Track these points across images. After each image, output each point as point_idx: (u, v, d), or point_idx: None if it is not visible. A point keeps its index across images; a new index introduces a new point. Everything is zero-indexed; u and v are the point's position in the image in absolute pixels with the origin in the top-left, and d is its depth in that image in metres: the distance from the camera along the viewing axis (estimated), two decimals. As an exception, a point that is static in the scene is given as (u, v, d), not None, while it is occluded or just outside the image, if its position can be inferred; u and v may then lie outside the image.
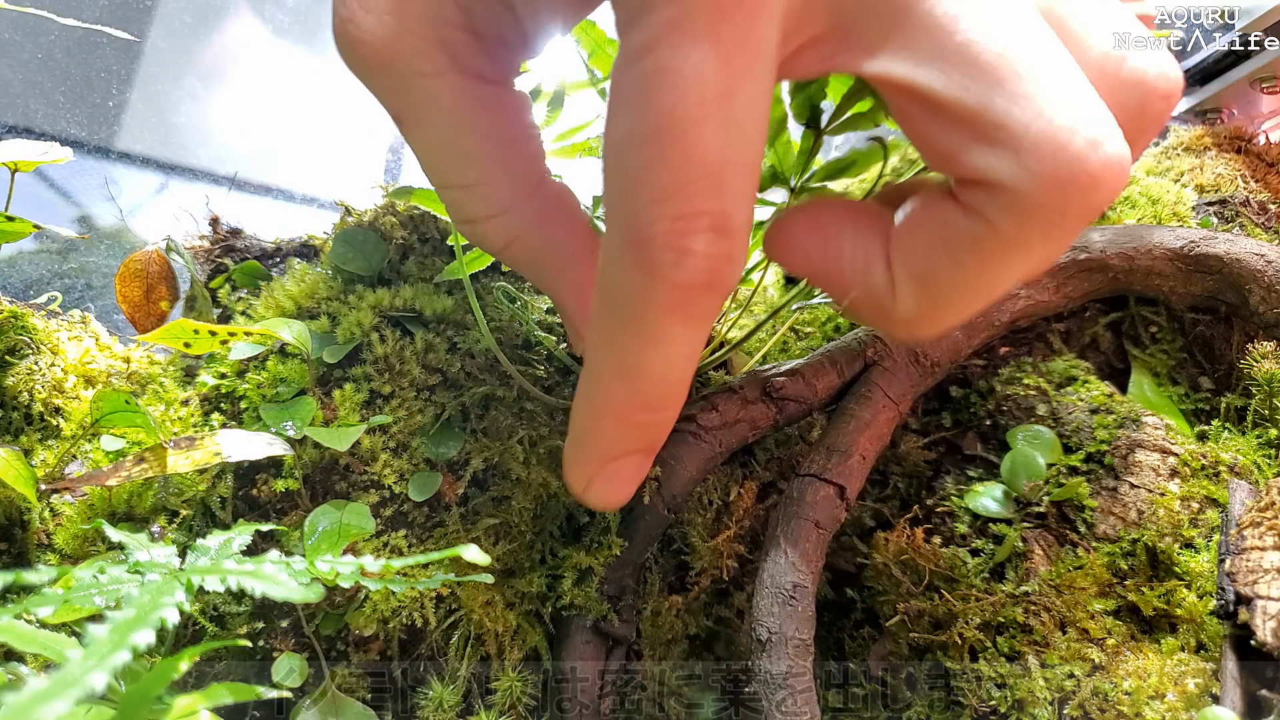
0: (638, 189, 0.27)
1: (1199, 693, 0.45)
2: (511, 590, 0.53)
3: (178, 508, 0.52)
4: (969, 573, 0.52)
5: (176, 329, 0.48)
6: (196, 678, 0.49)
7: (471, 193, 0.36)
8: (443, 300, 0.57)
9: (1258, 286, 0.58)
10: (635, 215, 0.28)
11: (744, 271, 0.54)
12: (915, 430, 0.61)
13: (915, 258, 0.31)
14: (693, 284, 0.28)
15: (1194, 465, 0.54)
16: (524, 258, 0.38)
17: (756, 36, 0.26)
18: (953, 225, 0.29)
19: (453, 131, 0.34)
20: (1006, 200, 0.27)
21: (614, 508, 0.46)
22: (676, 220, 0.27)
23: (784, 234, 0.35)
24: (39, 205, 0.85)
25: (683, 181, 0.27)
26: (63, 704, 0.19)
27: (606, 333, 0.32)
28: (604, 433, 0.35)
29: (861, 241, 0.33)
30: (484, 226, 0.37)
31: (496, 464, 0.54)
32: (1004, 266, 0.29)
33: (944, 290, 0.30)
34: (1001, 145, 0.26)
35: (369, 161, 1.05)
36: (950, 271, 0.30)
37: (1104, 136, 0.26)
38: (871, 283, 0.32)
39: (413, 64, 0.32)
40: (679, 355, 0.31)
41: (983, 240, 0.28)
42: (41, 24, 0.82)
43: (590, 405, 0.35)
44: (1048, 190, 0.26)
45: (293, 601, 0.28)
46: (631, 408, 0.33)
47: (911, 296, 0.31)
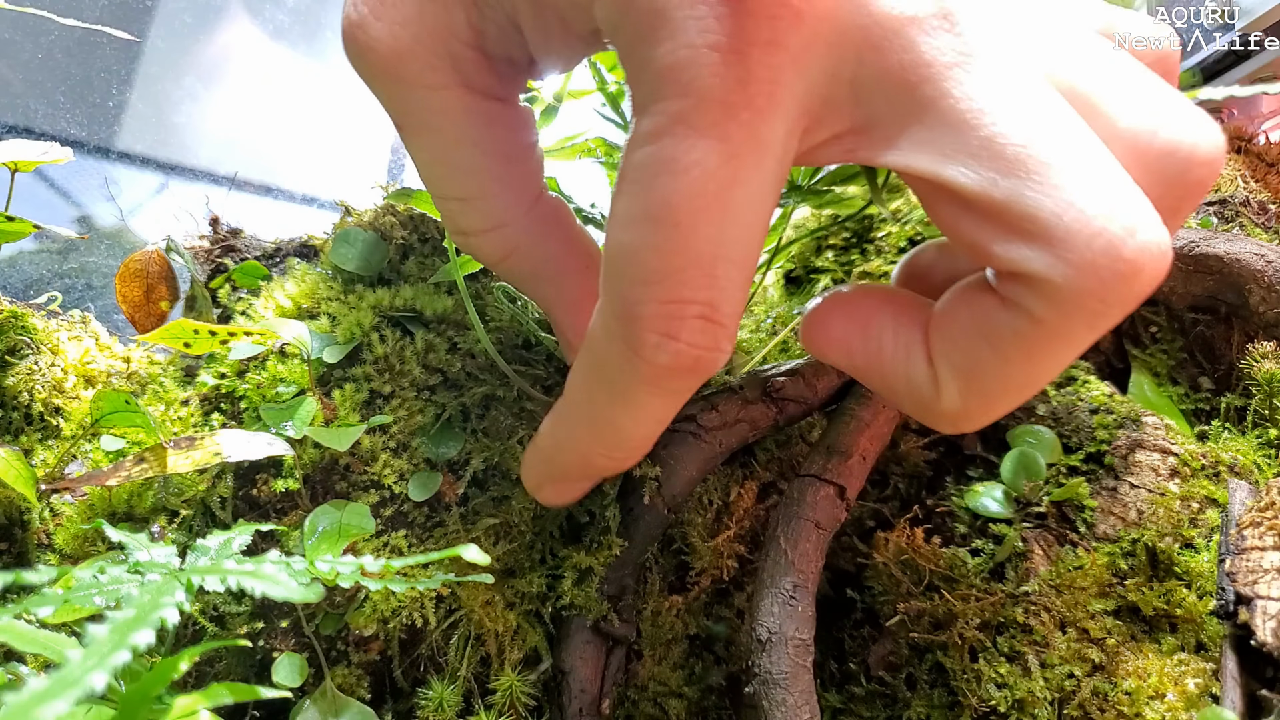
0: (632, 267, 0.28)
1: (1199, 693, 0.45)
2: (511, 590, 0.53)
3: (178, 508, 0.52)
4: (969, 573, 0.52)
5: (176, 329, 0.48)
6: (196, 678, 0.49)
7: (469, 206, 0.36)
8: (443, 300, 0.57)
9: (1258, 286, 0.58)
10: (627, 292, 0.28)
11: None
12: (915, 430, 0.61)
13: (957, 351, 0.30)
14: (673, 367, 0.28)
15: (1194, 465, 0.54)
16: (519, 271, 0.38)
17: (764, 135, 0.26)
18: (994, 319, 0.28)
19: (454, 145, 0.34)
20: (1046, 293, 0.26)
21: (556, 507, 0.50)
22: (665, 304, 0.27)
23: (820, 327, 0.35)
24: (39, 205, 0.85)
25: (675, 268, 0.27)
26: (63, 704, 0.19)
27: (586, 385, 0.33)
28: (563, 462, 0.37)
29: (902, 334, 0.32)
30: (480, 239, 0.37)
31: (496, 464, 0.54)
32: (1050, 358, 0.28)
33: (990, 384, 0.29)
34: (1035, 238, 0.26)
35: (369, 161, 1.05)
36: (995, 365, 0.29)
37: (1139, 222, 0.25)
38: (914, 377, 0.31)
39: (421, 76, 0.33)
40: (650, 420, 0.32)
41: (1026, 334, 0.28)
42: (41, 24, 0.82)
43: (557, 436, 0.36)
44: (1087, 281, 0.25)
45: (293, 601, 0.28)
46: (594, 452, 0.35)
47: (956, 392, 0.30)
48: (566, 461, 0.37)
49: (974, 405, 0.30)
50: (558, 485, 0.39)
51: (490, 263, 0.38)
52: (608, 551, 0.52)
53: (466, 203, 0.36)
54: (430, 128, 0.34)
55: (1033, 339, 0.28)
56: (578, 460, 0.36)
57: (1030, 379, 0.29)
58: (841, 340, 0.34)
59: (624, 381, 0.30)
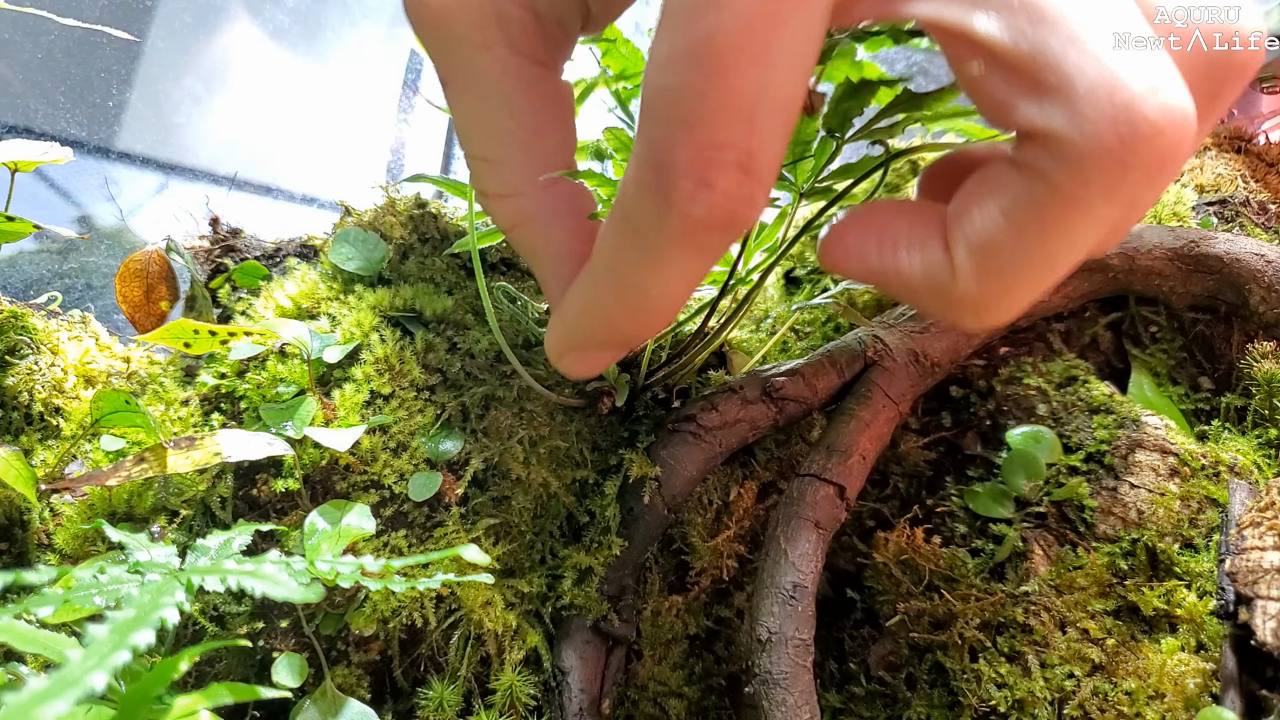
0: (669, 109, 0.27)
1: (1199, 693, 0.45)
2: (511, 590, 0.53)
3: (178, 508, 0.52)
4: (969, 573, 0.52)
5: (176, 329, 0.48)
6: (196, 678, 0.49)
7: (491, 168, 0.36)
8: (443, 300, 0.58)
9: (1258, 286, 0.58)
10: (662, 136, 0.27)
11: (746, 272, 0.54)
12: (915, 430, 0.61)
13: (973, 230, 0.29)
14: (707, 220, 0.27)
15: (1194, 465, 0.54)
16: (524, 243, 0.38)
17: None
18: (1010, 188, 0.27)
19: (489, 105, 0.34)
20: (1062, 152, 0.25)
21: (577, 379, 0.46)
22: (701, 150, 0.26)
23: (837, 240, 0.34)
24: (39, 205, 0.85)
25: (713, 110, 0.26)
26: (63, 704, 0.19)
27: (615, 243, 0.31)
28: (587, 327, 0.35)
29: (917, 231, 0.32)
30: (495, 203, 0.37)
31: (496, 464, 0.54)
32: (1067, 230, 0.27)
33: (1005, 260, 0.28)
34: (1055, 92, 0.25)
35: (369, 161, 1.05)
36: (1010, 238, 0.28)
37: (1162, 83, 0.24)
38: (930, 266, 0.31)
39: (467, 34, 0.33)
40: (679, 283, 0.31)
41: (1042, 201, 0.27)
42: (41, 24, 0.82)
43: (583, 299, 0.35)
44: (1104, 138, 0.24)
45: (293, 601, 0.28)
46: (620, 317, 0.33)
47: (972, 274, 0.29)
48: (591, 326, 0.35)
49: (991, 287, 0.29)
50: (581, 354, 0.38)
51: (502, 228, 0.38)
52: (608, 551, 0.52)
53: (489, 164, 0.36)
54: (469, 86, 0.34)
55: (1047, 206, 0.27)
56: (602, 324, 0.35)
57: (1046, 255, 0.28)
58: (857, 248, 0.33)
59: (655, 237, 0.29)
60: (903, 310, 0.60)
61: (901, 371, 0.57)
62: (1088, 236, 0.27)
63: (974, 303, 0.30)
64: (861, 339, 0.59)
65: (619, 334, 0.35)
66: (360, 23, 1.11)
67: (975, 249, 0.29)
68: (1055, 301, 0.61)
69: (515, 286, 0.60)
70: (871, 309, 0.66)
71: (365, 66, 1.07)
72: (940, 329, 0.58)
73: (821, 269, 0.70)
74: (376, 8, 1.11)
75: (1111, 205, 0.26)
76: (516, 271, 0.64)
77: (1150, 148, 0.25)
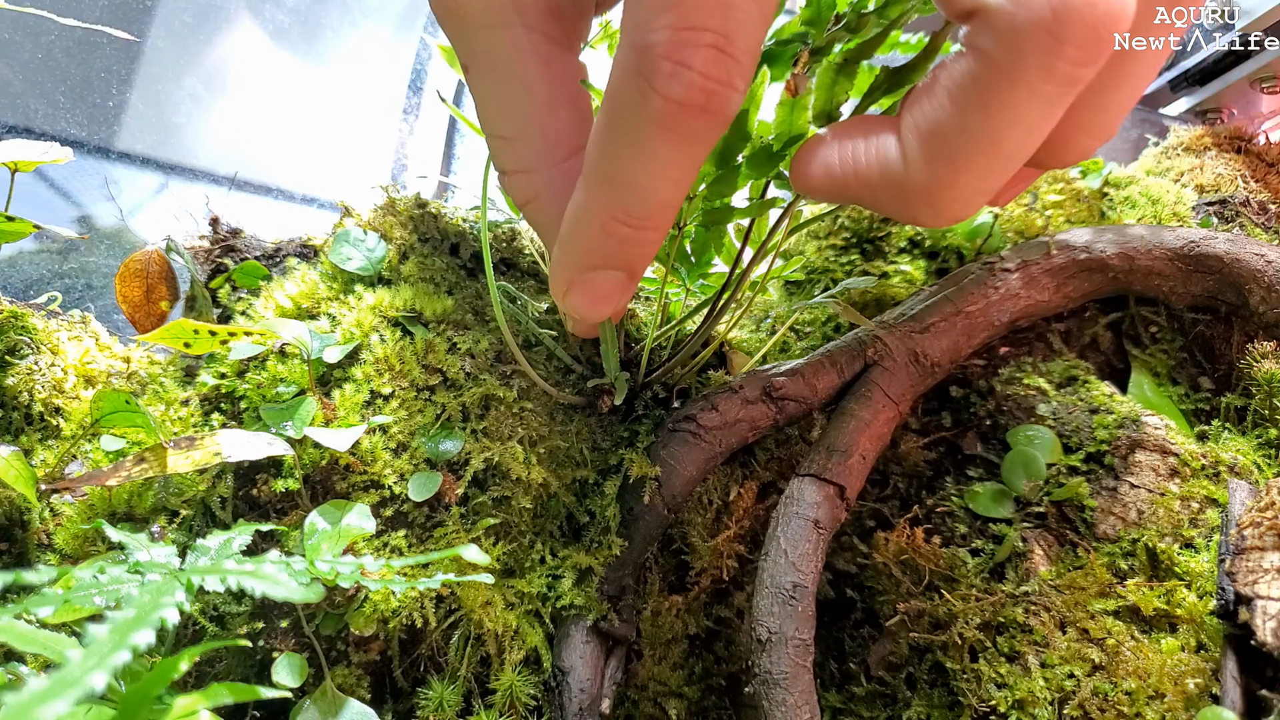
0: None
1: (1199, 693, 0.45)
2: (511, 590, 0.53)
3: (178, 508, 0.52)
4: (969, 573, 0.52)
5: (176, 329, 0.48)
6: (196, 678, 0.49)
7: (508, 145, 0.37)
8: (443, 300, 0.58)
9: (1258, 286, 0.58)
10: (642, 21, 0.28)
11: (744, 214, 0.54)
12: (915, 430, 0.61)
13: (921, 115, 0.30)
14: (686, 101, 0.28)
15: (1194, 465, 0.54)
16: (536, 219, 0.39)
17: None
18: (952, 71, 0.29)
19: (505, 83, 0.35)
20: (998, 26, 0.26)
21: (589, 325, 0.46)
22: (679, 31, 0.27)
23: (803, 161, 0.36)
24: (39, 205, 0.85)
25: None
26: (63, 704, 0.19)
27: (601, 140, 0.32)
28: (585, 238, 0.35)
29: (874, 133, 0.33)
30: (510, 179, 0.38)
31: (496, 464, 0.54)
32: (1007, 106, 0.28)
33: (950, 141, 0.29)
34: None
35: (369, 161, 1.05)
36: (954, 118, 0.29)
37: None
38: (885, 160, 0.32)
39: (482, 15, 0.34)
40: (666, 176, 0.32)
41: (980, 78, 0.28)
42: (41, 24, 0.82)
43: (576, 212, 0.35)
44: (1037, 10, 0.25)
45: (293, 601, 0.28)
46: (612, 215, 0.34)
47: (922, 158, 0.30)
48: (587, 238, 0.35)
49: (940, 171, 0.30)
50: (583, 281, 0.38)
51: (517, 204, 0.40)
52: (608, 551, 0.52)
53: (506, 142, 0.37)
54: (486, 66, 0.35)
55: (986, 82, 0.28)
56: (598, 232, 0.35)
57: (989, 134, 0.29)
58: (821, 161, 0.35)
59: (639, 124, 0.30)
60: (903, 310, 0.60)
61: (901, 371, 0.57)
62: (1028, 114, 0.28)
63: (926, 190, 0.31)
64: (861, 339, 0.59)
65: (615, 240, 0.35)
66: (360, 23, 1.11)
67: (923, 133, 0.30)
68: (1055, 301, 0.61)
69: (515, 286, 0.60)
70: (872, 309, 0.66)
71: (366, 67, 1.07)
72: (940, 329, 0.58)
73: (821, 270, 0.70)
74: (376, 8, 1.11)
75: (1048, 80, 0.27)
76: (517, 271, 0.64)
77: (1082, 20, 0.25)
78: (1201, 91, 0.91)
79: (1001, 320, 0.60)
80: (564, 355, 0.58)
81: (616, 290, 0.38)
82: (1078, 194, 0.73)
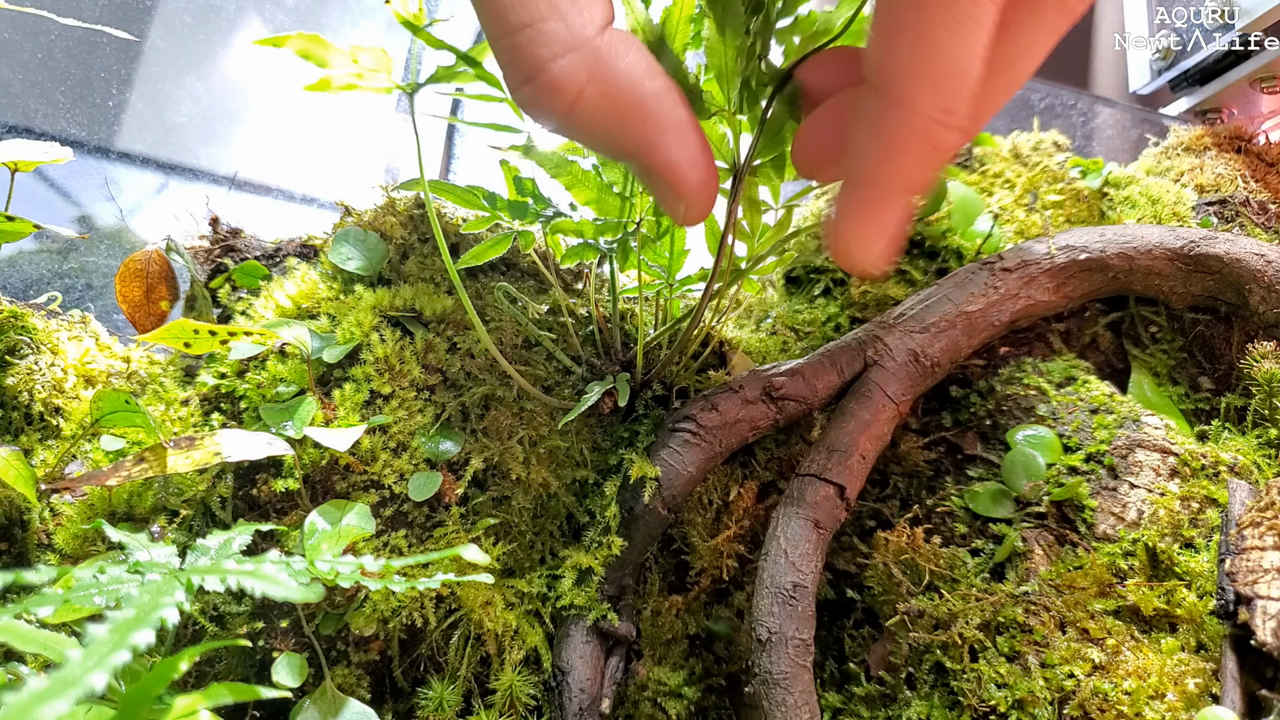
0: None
1: (1199, 693, 0.45)
2: (511, 590, 0.53)
3: (178, 508, 0.52)
4: (969, 573, 0.52)
5: (176, 329, 0.48)
6: (196, 678, 0.49)
7: (537, 31, 0.33)
8: (443, 300, 0.58)
9: (1258, 286, 0.58)
10: None
11: (751, 267, 0.53)
12: (915, 430, 0.61)
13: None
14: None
15: (1194, 465, 0.54)
16: (598, 106, 0.35)
17: None
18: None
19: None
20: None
21: (882, 267, 0.40)
22: None
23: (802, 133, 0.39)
24: (39, 205, 0.85)
25: None
26: (63, 704, 0.19)
27: (913, 31, 0.30)
28: (907, 163, 0.33)
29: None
30: (550, 74, 0.33)
31: (496, 464, 0.54)
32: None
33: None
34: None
35: (369, 161, 1.05)
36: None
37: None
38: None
39: None
40: (981, 45, 0.30)
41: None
42: (41, 24, 0.82)
43: (888, 138, 0.33)
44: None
45: (293, 601, 0.28)
46: (935, 119, 0.32)
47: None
48: (912, 159, 0.33)
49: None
50: (891, 219, 0.35)
51: (564, 109, 0.34)
52: (607, 551, 0.52)
53: (534, 27, 0.32)
54: None
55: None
56: (923, 147, 0.32)
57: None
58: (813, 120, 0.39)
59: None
60: (903, 310, 0.60)
61: (901, 371, 0.57)
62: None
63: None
64: (861, 339, 0.59)
65: (942, 152, 0.33)
66: (360, 23, 1.11)
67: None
68: (1055, 301, 0.61)
69: (515, 286, 0.60)
70: (872, 309, 0.66)
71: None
72: (940, 329, 0.58)
73: (820, 270, 0.70)
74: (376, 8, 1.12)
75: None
76: (517, 271, 0.64)
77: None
78: (1201, 91, 0.91)
79: (1001, 320, 0.60)
80: (563, 356, 0.58)
81: (904, 220, 0.35)
82: (1078, 194, 0.73)
